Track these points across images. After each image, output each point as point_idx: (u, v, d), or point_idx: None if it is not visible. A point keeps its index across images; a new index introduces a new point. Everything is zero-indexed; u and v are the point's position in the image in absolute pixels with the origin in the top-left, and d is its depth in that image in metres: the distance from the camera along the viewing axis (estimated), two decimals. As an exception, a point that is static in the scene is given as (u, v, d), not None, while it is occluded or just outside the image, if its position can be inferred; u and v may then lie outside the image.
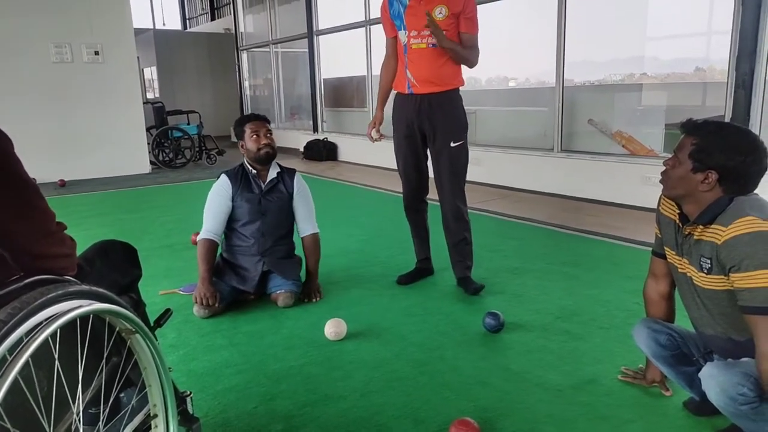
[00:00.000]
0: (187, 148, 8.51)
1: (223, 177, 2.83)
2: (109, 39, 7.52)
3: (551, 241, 3.96)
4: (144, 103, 8.37)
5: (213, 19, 18.71)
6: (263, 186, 2.83)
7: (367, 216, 5.01)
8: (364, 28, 7.95)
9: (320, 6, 9.17)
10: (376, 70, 8.31)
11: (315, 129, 9.43)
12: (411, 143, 2.89)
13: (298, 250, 2.98)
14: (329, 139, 8.87)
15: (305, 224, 2.90)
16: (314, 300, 2.82)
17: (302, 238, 2.90)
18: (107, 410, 1.16)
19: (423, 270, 3.16)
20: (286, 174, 2.89)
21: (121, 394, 1.29)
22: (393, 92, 2.97)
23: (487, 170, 6.09)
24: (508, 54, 7.64)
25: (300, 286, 2.85)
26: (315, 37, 9.18)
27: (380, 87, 3.02)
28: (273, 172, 2.85)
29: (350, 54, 9.04)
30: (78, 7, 7.23)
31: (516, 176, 5.88)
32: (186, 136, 8.42)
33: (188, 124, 8.74)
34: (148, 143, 8.16)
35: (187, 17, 21.68)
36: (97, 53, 7.45)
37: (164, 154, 8.43)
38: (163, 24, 19.97)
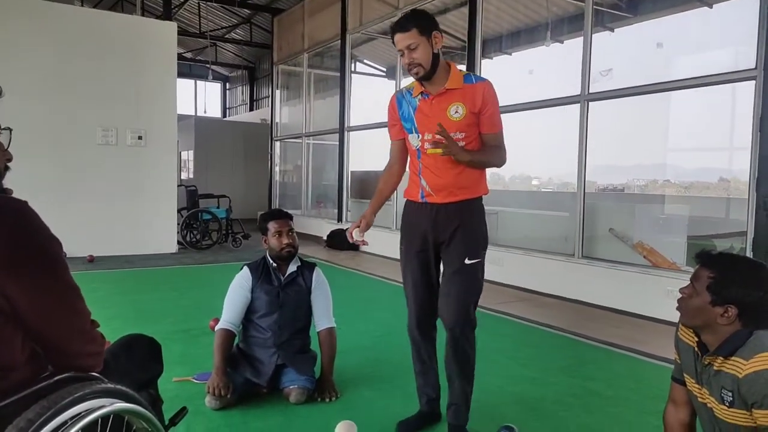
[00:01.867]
0: (214, 231, 8.74)
1: (245, 269, 2.91)
2: (153, 125, 8.00)
3: (571, 351, 3.89)
4: (178, 185, 8.72)
5: (251, 109, 19.79)
6: (282, 279, 2.89)
7: (382, 310, 5.00)
8: (393, 127, 8.32)
9: (353, 103, 9.69)
10: (403, 167, 8.60)
11: (339, 218, 9.64)
12: (424, 259, 2.47)
13: (315, 346, 2.98)
14: (352, 230, 9.02)
15: (322, 318, 2.92)
16: (327, 400, 2.78)
17: (318, 332, 2.91)
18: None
19: (428, 416, 2.58)
20: (306, 268, 2.96)
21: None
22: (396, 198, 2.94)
23: (507, 271, 6.09)
24: (533, 153, 7.85)
25: (313, 382, 2.82)
26: (346, 132, 9.62)
27: (378, 191, 2.66)
28: (293, 266, 2.92)
29: (377, 150, 9.41)
30: (129, 96, 7.78)
31: (536, 279, 5.87)
32: (214, 219, 8.68)
33: (218, 207, 9.03)
34: (178, 224, 8.42)
35: (227, 107, 22.97)
36: (140, 137, 7.91)
37: (192, 235, 8.66)
38: (205, 112, 21.12)
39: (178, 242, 8.33)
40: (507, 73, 9.14)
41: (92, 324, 1.14)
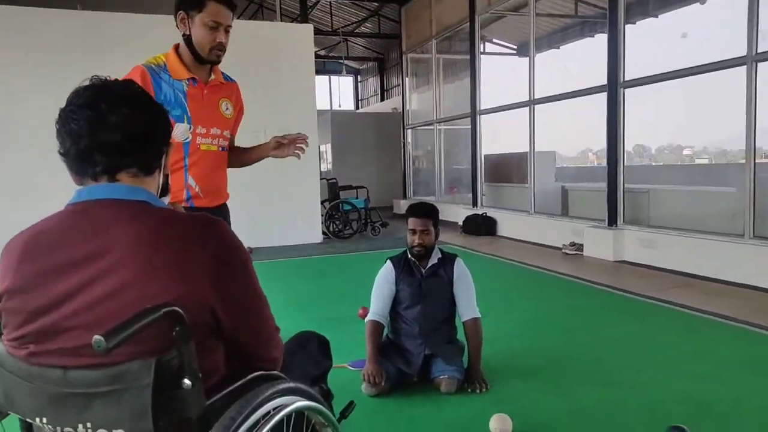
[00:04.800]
0: (354, 220, 9.12)
1: (388, 263, 3.00)
2: (296, 122, 8.48)
3: (749, 344, 3.50)
4: (320, 179, 9.21)
5: (382, 99, 20.23)
6: (424, 272, 2.93)
7: (525, 298, 4.88)
8: (528, 108, 8.05)
9: (483, 85, 9.51)
10: (540, 146, 8.28)
11: (474, 203, 9.55)
12: None
13: (461, 336, 3.00)
14: (488, 214, 8.91)
15: (466, 309, 2.93)
16: (479, 391, 2.79)
17: (463, 323, 2.93)
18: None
19: None
20: (447, 260, 2.98)
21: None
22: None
23: (661, 255, 5.64)
24: (683, 121, 7.16)
25: (463, 372, 2.85)
26: (478, 116, 9.47)
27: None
28: (434, 259, 2.95)
29: (511, 131, 9.15)
30: (275, 99, 8.35)
31: (698, 263, 5.35)
32: (354, 209, 9.06)
33: (357, 197, 9.41)
34: (322, 215, 8.90)
35: (359, 98, 23.71)
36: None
37: (335, 226, 9.12)
38: (339, 105, 22.00)
39: (323, 232, 8.82)
40: (653, 38, 8.37)
41: (275, 330, 1.26)
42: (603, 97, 6.57)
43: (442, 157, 11.47)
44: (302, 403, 1.15)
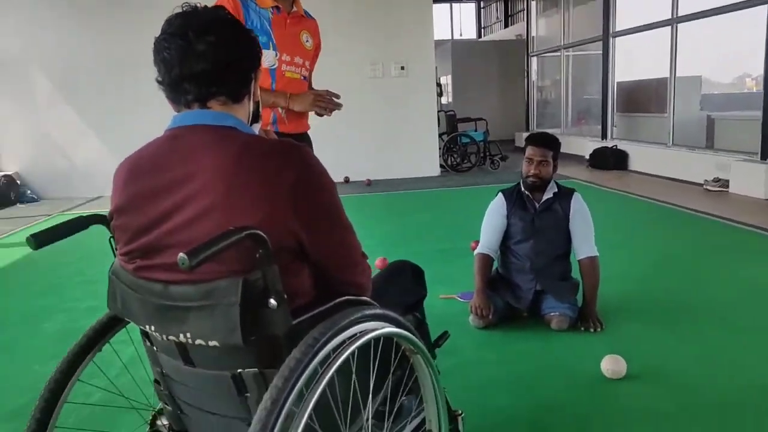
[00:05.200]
0: (473, 153, 8.92)
1: (500, 195, 2.89)
2: (414, 55, 8.34)
3: None
4: (438, 111, 9.04)
5: (506, 26, 19.11)
6: (537, 206, 2.79)
7: (654, 238, 4.52)
8: (669, 27, 7.15)
9: (619, 6, 8.58)
10: (681, 71, 7.41)
11: (603, 135, 8.88)
12: None
13: (575, 273, 2.86)
14: (618, 147, 8.25)
15: (582, 246, 2.77)
16: (592, 330, 2.67)
17: (579, 261, 2.78)
18: (394, 410, 1.31)
19: None
20: (563, 194, 2.80)
21: (404, 398, 1.44)
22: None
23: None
24: None
25: (575, 310, 2.74)
26: (611, 39, 8.62)
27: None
28: (548, 193, 2.79)
29: (649, 54, 8.25)
30: (391, 31, 8.21)
31: None
32: (473, 142, 8.84)
33: (476, 130, 9.15)
34: (439, 148, 8.81)
35: (482, 26, 22.61)
36: (403, 68, 8.34)
37: (452, 159, 9.00)
38: (460, 34, 21.17)
39: (441, 166, 8.75)
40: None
41: (363, 256, 1.26)
42: (763, 11, 5.67)
43: (570, 86, 10.70)
44: (389, 329, 1.15)
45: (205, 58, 1.06)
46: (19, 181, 7.60)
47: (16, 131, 7.70)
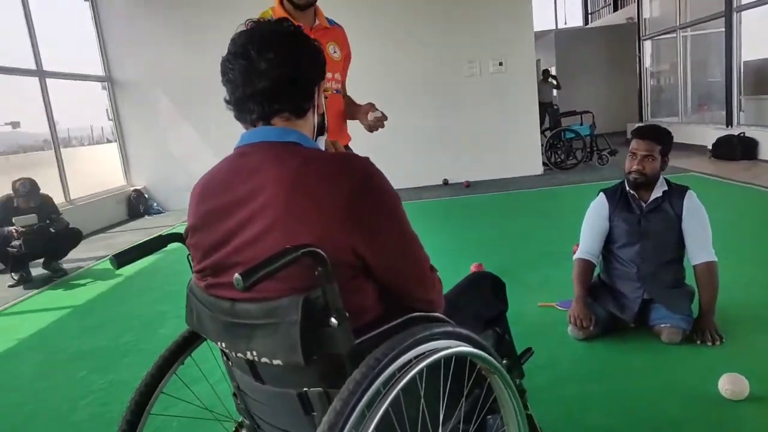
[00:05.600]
0: (578, 149, 8.47)
1: (601, 195, 2.69)
2: (512, 50, 8.07)
3: None
4: (553, 105, 8.67)
5: (615, 9, 18.02)
6: (644, 206, 2.56)
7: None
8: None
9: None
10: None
11: (729, 122, 8.06)
12: None
13: (690, 280, 2.60)
14: (747, 134, 7.44)
15: (697, 250, 2.50)
16: (710, 343, 2.40)
17: (694, 267, 2.51)
18: (474, 430, 1.25)
19: None
20: (675, 192, 2.54)
21: (489, 417, 1.37)
22: None
23: None
24: None
25: (690, 322, 2.48)
26: (734, 14, 7.80)
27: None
28: (657, 191, 2.54)
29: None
30: (488, 26, 7.99)
31: None
32: (578, 137, 8.39)
33: (581, 124, 8.68)
34: (542, 145, 8.46)
35: (589, 12, 21.49)
36: (501, 64, 8.10)
37: (556, 156, 8.61)
38: (565, 23, 20.27)
39: (543, 163, 8.40)
40: None
41: (431, 270, 1.21)
42: None
43: (689, 70, 9.83)
44: (460, 348, 1.09)
45: (266, 76, 1.07)
46: (146, 195, 8.36)
47: (144, 149, 8.46)
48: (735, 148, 7.42)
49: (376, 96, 9.35)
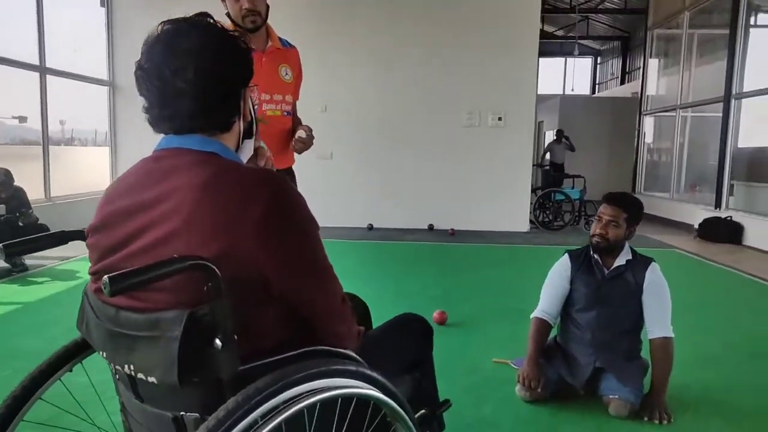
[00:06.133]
0: (567, 212, 8.48)
1: (565, 256, 2.66)
2: (513, 107, 8.16)
3: None
4: (534, 165, 8.74)
5: (623, 83, 18.44)
6: (606, 272, 2.52)
7: (758, 324, 3.93)
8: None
9: (749, 65, 7.93)
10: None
11: (717, 205, 8.10)
12: None
13: (646, 353, 2.53)
14: (734, 218, 7.47)
15: (655, 324, 2.44)
16: (657, 421, 2.32)
17: (650, 340, 2.45)
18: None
19: None
20: (639, 263, 2.50)
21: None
22: None
23: None
24: None
25: (639, 396, 2.40)
26: (733, 100, 7.96)
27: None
28: (622, 259, 2.51)
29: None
30: (492, 80, 8.11)
31: None
32: (568, 200, 8.42)
33: (572, 187, 8.72)
34: (531, 203, 8.47)
35: (597, 82, 21.99)
36: (500, 119, 8.19)
37: (544, 215, 8.61)
38: (572, 89, 20.69)
39: (530, 222, 8.39)
40: None
41: (343, 303, 1.15)
42: None
43: (685, 149, 9.95)
44: (357, 390, 1.02)
45: (185, 95, 1.01)
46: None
47: (135, 155, 8.10)
48: (721, 231, 7.44)
49: (371, 132, 9.44)
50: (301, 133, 2.30)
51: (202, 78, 1.01)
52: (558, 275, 2.64)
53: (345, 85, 8.13)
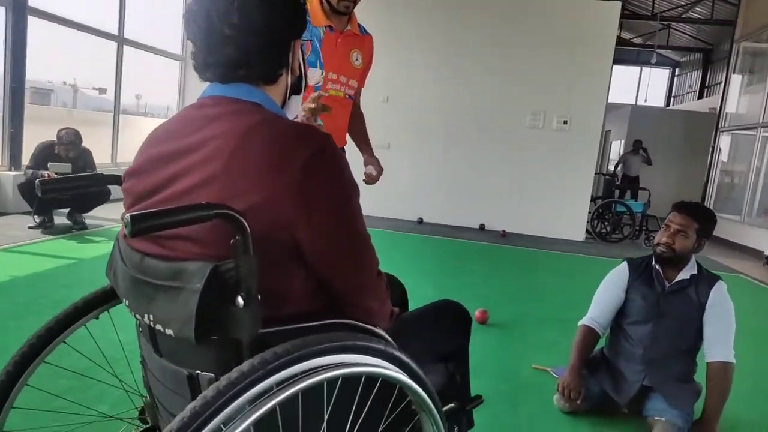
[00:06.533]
0: (627, 225, 8.12)
1: (623, 264, 2.49)
2: (581, 111, 7.87)
3: None
4: (596, 173, 8.41)
5: (700, 97, 17.51)
6: (667, 285, 2.34)
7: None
8: None
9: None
10: None
11: (794, 232, 7.55)
12: None
13: (700, 378, 2.35)
14: (812, 249, 6.95)
15: (715, 347, 2.26)
16: (704, 451, 2.15)
17: (707, 363, 2.27)
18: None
19: None
20: (705, 279, 2.32)
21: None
22: None
23: None
24: None
25: (689, 422, 2.23)
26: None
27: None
28: (686, 273, 2.33)
29: None
30: (560, 80, 7.84)
31: None
32: (629, 213, 8.05)
33: (636, 200, 8.33)
34: (590, 212, 8.16)
35: (672, 95, 20.99)
36: (566, 122, 7.91)
37: (602, 226, 8.27)
38: (645, 100, 19.82)
39: (587, 231, 8.09)
40: None
41: (378, 277, 1.08)
42: None
43: (762, 170, 9.33)
44: (381, 370, 0.95)
45: (230, 43, 0.97)
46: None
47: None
48: (796, 260, 6.93)
49: (430, 126, 9.33)
50: (371, 170, 2.32)
51: (247, 24, 0.97)
52: (613, 283, 2.48)
53: (409, 78, 8.05)
